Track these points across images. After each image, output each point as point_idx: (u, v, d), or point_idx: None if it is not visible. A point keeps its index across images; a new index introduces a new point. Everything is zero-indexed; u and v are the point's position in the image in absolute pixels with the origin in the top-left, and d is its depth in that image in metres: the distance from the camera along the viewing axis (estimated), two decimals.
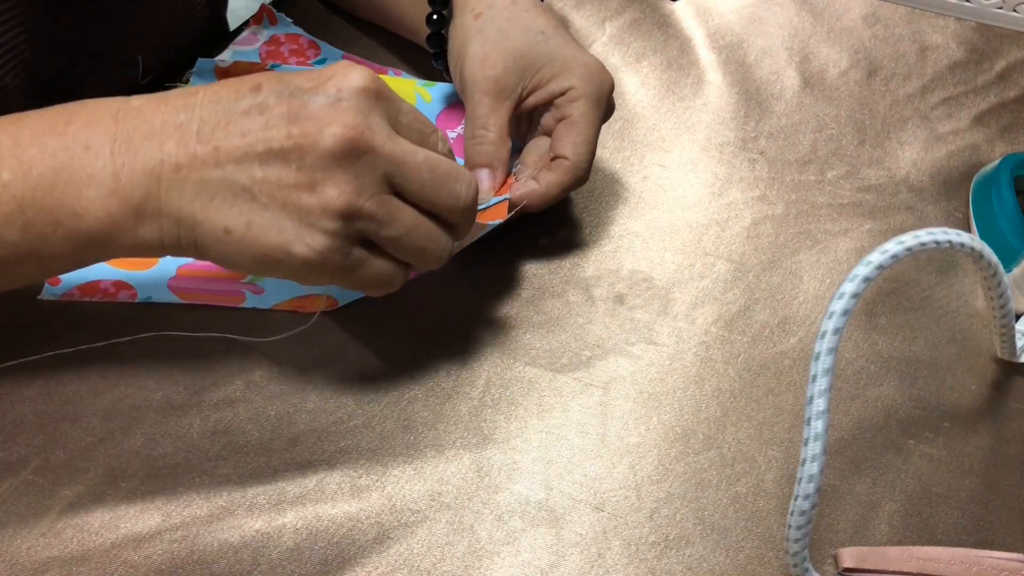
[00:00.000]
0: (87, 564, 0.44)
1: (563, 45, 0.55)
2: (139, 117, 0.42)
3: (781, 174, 0.64)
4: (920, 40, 0.74)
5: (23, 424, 0.48)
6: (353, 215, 0.42)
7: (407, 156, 0.43)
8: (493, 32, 0.54)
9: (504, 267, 0.57)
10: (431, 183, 0.44)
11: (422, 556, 0.45)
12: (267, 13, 0.68)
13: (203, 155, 0.41)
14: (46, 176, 0.41)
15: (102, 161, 0.41)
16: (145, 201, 0.42)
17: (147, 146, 0.41)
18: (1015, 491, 0.49)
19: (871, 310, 0.56)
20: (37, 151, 0.41)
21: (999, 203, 0.59)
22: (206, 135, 0.41)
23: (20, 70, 0.54)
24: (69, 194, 0.41)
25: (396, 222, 0.43)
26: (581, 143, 0.53)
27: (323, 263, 0.42)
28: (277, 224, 0.42)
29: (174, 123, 0.42)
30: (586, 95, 0.54)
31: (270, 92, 0.42)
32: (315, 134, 0.41)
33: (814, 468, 0.40)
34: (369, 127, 0.41)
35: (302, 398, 0.50)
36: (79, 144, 0.41)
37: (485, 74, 0.53)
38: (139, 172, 0.41)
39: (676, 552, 0.46)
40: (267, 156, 0.41)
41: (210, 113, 0.42)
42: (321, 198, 0.41)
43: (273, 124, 0.41)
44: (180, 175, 0.41)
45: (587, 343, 0.53)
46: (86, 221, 0.41)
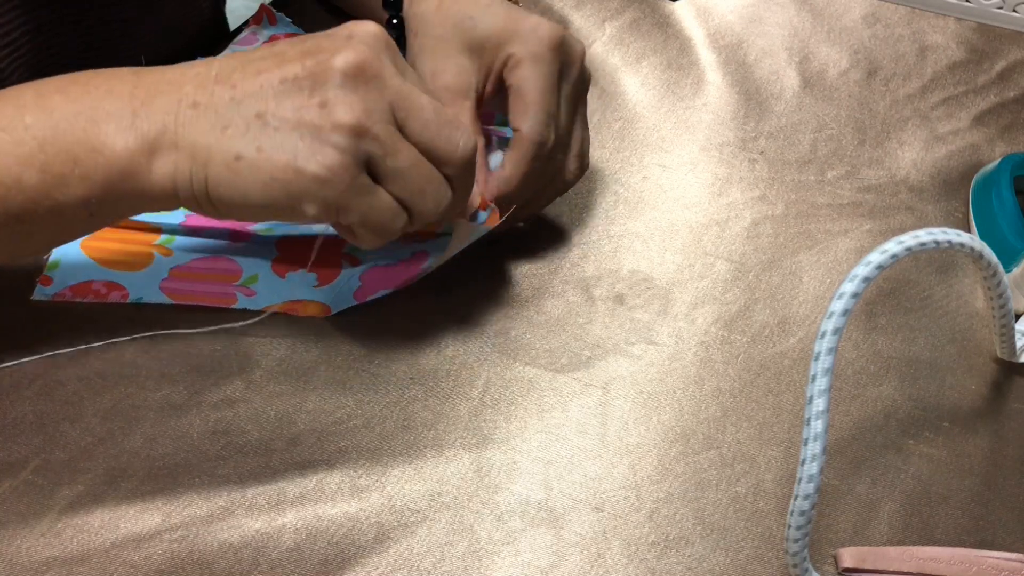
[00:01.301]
0: (87, 564, 0.44)
1: (494, 20, 0.53)
2: (160, 73, 0.45)
3: (781, 174, 0.64)
4: (920, 40, 0.74)
5: (23, 424, 0.48)
6: (361, 132, 0.43)
7: (412, 93, 0.44)
8: (432, 42, 0.54)
9: (504, 267, 0.57)
10: (433, 124, 0.45)
11: (422, 556, 0.45)
12: (267, 13, 0.68)
13: (220, 92, 0.43)
14: (67, 117, 0.43)
15: (121, 102, 0.43)
16: (161, 135, 0.43)
17: (166, 89, 0.44)
18: (1015, 491, 0.49)
19: (871, 310, 0.56)
20: (60, 98, 0.44)
21: (999, 203, 0.59)
22: (224, 76, 0.44)
23: (24, 70, 0.55)
24: (89, 132, 0.43)
25: (400, 154, 0.44)
26: (529, 107, 0.51)
27: (332, 180, 0.43)
28: (289, 144, 0.43)
29: (193, 72, 0.44)
30: (523, 57, 0.52)
31: (287, 43, 0.45)
32: (327, 60, 0.43)
33: (814, 468, 0.40)
34: (379, 58, 0.44)
35: (302, 398, 0.50)
36: (100, 89, 0.44)
37: (437, 87, 0.53)
38: (157, 110, 0.43)
39: (676, 552, 0.46)
40: (281, 86, 0.43)
41: (228, 62, 0.44)
42: (332, 114, 0.42)
43: (289, 61, 0.43)
44: (197, 111, 0.43)
45: (587, 343, 0.53)
46: (103, 156, 0.43)
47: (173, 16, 0.64)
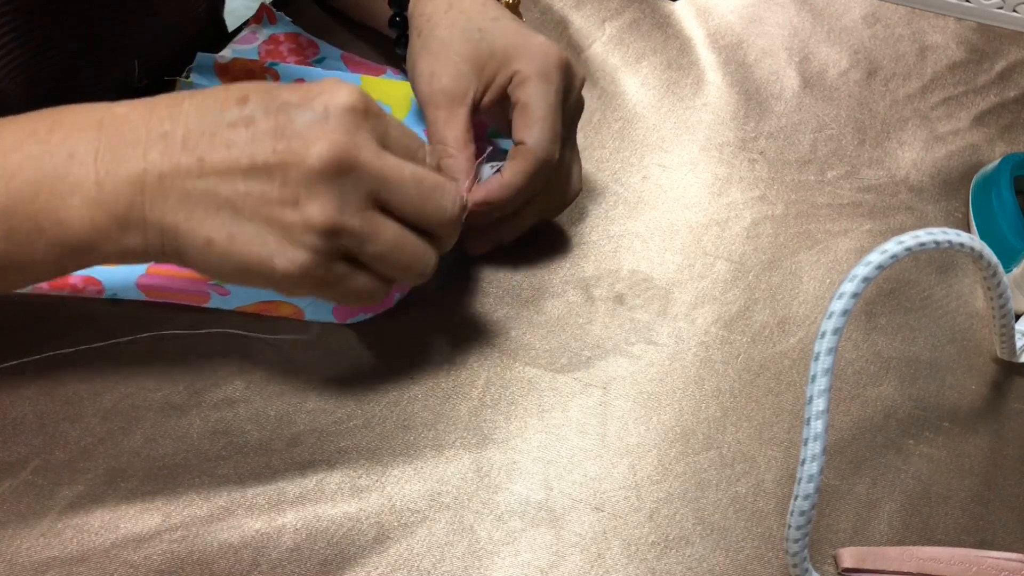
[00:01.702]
0: (87, 564, 0.44)
1: (502, 36, 0.53)
2: (124, 125, 0.42)
3: (781, 174, 0.64)
4: (920, 40, 0.74)
5: (23, 424, 0.48)
6: (335, 232, 0.42)
7: (393, 172, 0.43)
8: (435, 45, 0.54)
9: (504, 267, 0.57)
10: (417, 198, 0.44)
11: (422, 556, 0.45)
12: (267, 12, 0.68)
13: (187, 165, 0.41)
14: (29, 183, 0.41)
15: (85, 169, 0.41)
16: (129, 210, 0.41)
17: (131, 154, 0.41)
18: (1015, 491, 0.49)
19: (871, 310, 0.56)
20: (20, 158, 0.41)
21: (999, 203, 0.59)
22: (191, 145, 0.41)
23: (16, 74, 0.54)
24: (53, 202, 0.41)
25: (379, 239, 0.43)
26: (535, 123, 0.52)
27: (304, 277, 0.42)
28: (259, 237, 0.42)
29: (159, 132, 0.41)
30: (531, 75, 0.52)
31: (257, 106, 0.42)
32: (300, 151, 0.41)
33: (814, 468, 0.40)
34: (356, 144, 0.41)
35: (302, 398, 0.50)
36: (63, 152, 0.41)
37: (433, 89, 0.53)
38: (123, 181, 0.41)
39: (676, 552, 0.46)
40: (251, 170, 0.41)
41: (195, 123, 0.42)
42: (303, 214, 0.41)
43: (259, 138, 0.41)
44: (164, 184, 0.41)
45: (587, 343, 0.53)
46: (70, 229, 0.41)
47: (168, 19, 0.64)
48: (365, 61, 0.67)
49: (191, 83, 0.62)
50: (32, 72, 0.56)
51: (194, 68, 0.63)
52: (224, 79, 0.63)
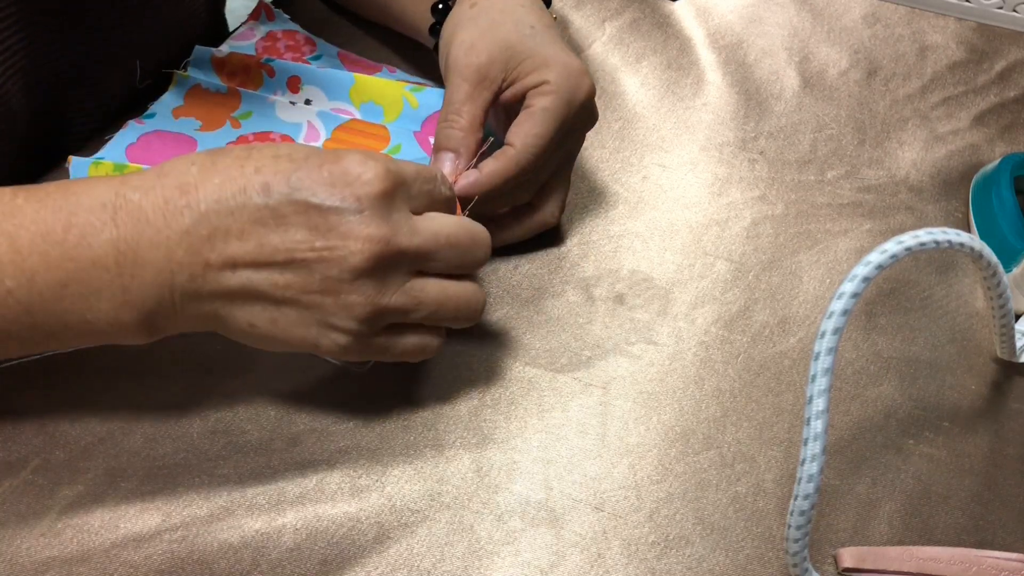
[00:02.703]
0: (87, 564, 0.44)
1: (549, 43, 0.54)
2: (140, 219, 0.40)
3: (781, 174, 0.64)
4: (920, 40, 0.74)
5: (23, 424, 0.48)
6: (376, 315, 0.42)
7: (430, 244, 0.43)
8: (485, 21, 0.54)
9: (504, 267, 0.57)
10: (455, 259, 0.44)
11: (422, 556, 0.45)
12: (265, 9, 0.68)
13: (218, 263, 0.41)
14: (51, 287, 0.40)
15: (109, 275, 0.40)
16: (158, 307, 0.41)
17: (155, 256, 0.40)
18: (1015, 491, 0.49)
19: (871, 310, 0.56)
20: (39, 260, 0.40)
21: (999, 203, 0.59)
22: (219, 244, 0.40)
23: (19, 76, 0.54)
24: (78, 304, 0.41)
25: (421, 306, 0.44)
26: (532, 133, 0.51)
27: (349, 353, 0.44)
28: (302, 321, 0.42)
29: (180, 227, 0.40)
30: (557, 91, 0.52)
31: (282, 196, 0.41)
32: (340, 249, 0.41)
33: (814, 468, 0.40)
34: (394, 233, 0.41)
35: (302, 398, 0.50)
36: (84, 257, 0.40)
37: (468, 61, 0.52)
38: (149, 284, 0.41)
39: (676, 552, 0.46)
40: (288, 265, 0.41)
41: (219, 218, 0.40)
42: (345, 304, 0.42)
43: (292, 235, 0.41)
44: (195, 284, 0.41)
45: (587, 343, 0.53)
46: (97, 326, 0.41)
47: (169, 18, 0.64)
48: (361, 59, 0.67)
49: (188, 76, 0.63)
50: (35, 74, 0.56)
51: (191, 62, 0.63)
52: (221, 73, 0.63)
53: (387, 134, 0.61)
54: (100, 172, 0.56)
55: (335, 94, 0.63)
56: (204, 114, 0.61)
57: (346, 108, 0.62)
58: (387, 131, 0.61)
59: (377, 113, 0.62)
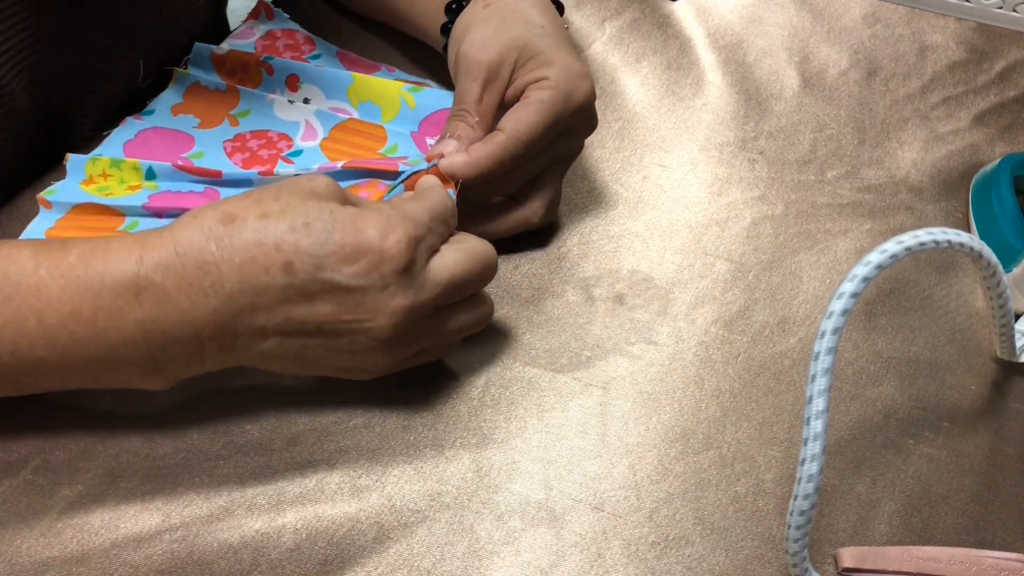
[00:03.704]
0: (87, 564, 0.44)
1: (558, 45, 0.54)
2: (165, 299, 0.41)
3: (781, 174, 0.64)
4: (920, 40, 0.74)
5: (23, 424, 0.48)
6: (402, 363, 0.47)
7: (448, 291, 0.45)
8: (497, 21, 0.54)
9: (504, 267, 0.57)
10: (469, 290, 0.47)
11: (422, 556, 0.45)
12: (264, 8, 0.69)
13: (247, 332, 0.43)
14: (83, 360, 0.43)
15: (139, 351, 0.42)
16: (187, 372, 0.45)
17: (183, 333, 0.42)
18: (1015, 491, 0.49)
19: (871, 310, 0.56)
20: (68, 338, 0.42)
21: (999, 203, 0.59)
22: (246, 318, 0.42)
23: (24, 74, 0.54)
24: (108, 372, 0.44)
25: (441, 335, 0.47)
26: (523, 121, 0.51)
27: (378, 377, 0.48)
28: (331, 364, 0.46)
29: (207, 308, 0.42)
30: (554, 87, 0.52)
31: (306, 276, 0.42)
32: (367, 321, 0.43)
33: (813, 468, 0.40)
34: (417, 298, 0.44)
35: (302, 398, 0.50)
36: (115, 339, 0.42)
37: (479, 59, 0.53)
38: (181, 356, 0.43)
39: (676, 552, 0.46)
40: (318, 332, 0.43)
41: (245, 297, 0.42)
42: (372, 361, 0.46)
43: (320, 310, 0.43)
44: (224, 350, 0.44)
45: (587, 343, 0.53)
46: (126, 383, 0.45)
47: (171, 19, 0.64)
48: (361, 59, 0.67)
49: (188, 74, 0.63)
50: (39, 72, 0.56)
51: (191, 59, 0.63)
52: (220, 71, 0.63)
53: (384, 134, 0.61)
54: (97, 168, 0.56)
55: (333, 93, 0.63)
56: (203, 112, 0.62)
57: (344, 107, 0.62)
58: (384, 131, 0.61)
59: (375, 113, 0.62)
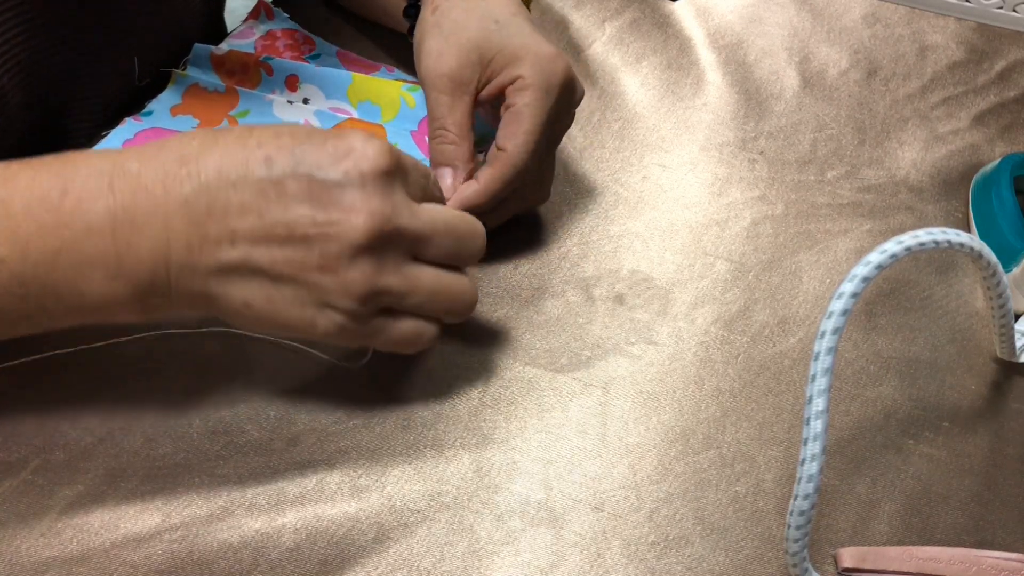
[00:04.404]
0: (87, 564, 0.44)
1: (516, 34, 0.53)
2: (138, 188, 0.40)
3: (781, 174, 0.64)
4: (920, 40, 0.74)
5: (23, 424, 0.48)
6: (374, 296, 0.42)
7: (428, 227, 0.43)
8: (448, 24, 0.53)
9: (504, 267, 0.57)
10: (451, 247, 0.44)
11: (422, 556, 0.45)
12: (264, 8, 0.69)
13: (216, 235, 0.40)
14: (46, 255, 0.39)
15: (104, 243, 0.39)
16: (152, 279, 0.40)
17: (151, 224, 0.40)
18: (1015, 491, 0.49)
19: (871, 310, 0.56)
20: (34, 228, 0.39)
21: (999, 203, 0.59)
22: (218, 214, 0.40)
23: (17, 71, 0.54)
24: (71, 274, 0.40)
25: (417, 291, 0.44)
26: (522, 134, 0.51)
27: (344, 335, 0.43)
28: (298, 300, 0.42)
29: (179, 197, 0.40)
30: (533, 84, 0.51)
31: (283, 167, 0.40)
32: (342, 223, 0.40)
33: (813, 468, 0.40)
34: (395, 211, 0.41)
35: (302, 398, 0.50)
36: (79, 224, 0.39)
37: (439, 71, 0.52)
38: (145, 252, 0.40)
39: (676, 552, 0.46)
40: (288, 239, 0.40)
41: (218, 188, 0.40)
42: (343, 282, 0.41)
43: (293, 208, 0.40)
44: (191, 256, 0.40)
45: (587, 343, 0.53)
46: (90, 298, 0.40)
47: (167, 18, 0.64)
48: (360, 58, 0.67)
49: (187, 75, 0.63)
50: (34, 71, 0.56)
51: (190, 60, 0.63)
52: (219, 71, 0.63)
53: (384, 134, 0.61)
54: None
55: (333, 93, 0.63)
56: (202, 112, 0.62)
57: (343, 107, 0.62)
58: (384, 131, 0.62)
59: (374, 113, 0.62)
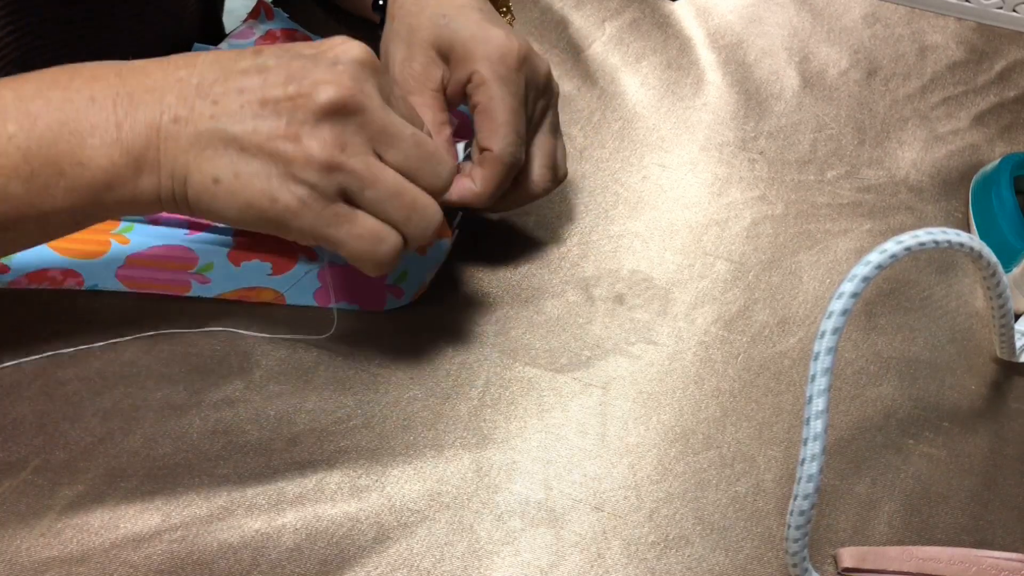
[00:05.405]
0: (87, 564, 0.44)
1: (464, 26, 0.53)
2: (142, 73, 0.44)
3: (781, 174, 0.64)
4: (920, 40, 0.74)
5: (23, 424, 0.48)
6: (333, 168, 0.43)
7: (396, 127, 0.44)
8: (405, 30, 0.54)
9: (504, 267, 0.57)
10: (416, 158, 0.45)
11: (422, 556, 0.45)
12: (264, 8, 0.69)
13: (200, 107, 0.43)
14: (51, 127, 0.42)
15: (105, 112, 0.43)
16: (145, 151, 0.43)
17: (148, 99, 0.43)
18: (1015, 491, 0.49)
19: (871, 310, 0.56)
20: (42, 103, 0.43)
21: (999, 203, 0.59)
22: (205, 89, 0.43)
23: (10, 70, 0.54)
24: (73, 143, 0.43)
25: (379, 183, 0.44)
26: (499, 128, 0.51)
27: (303, 212, 0.43)
28: (263, 172, 0.43)
29: (175, 78, 0.43)
30: (489, 77, 0.51)
31: (270, 55, 0.44)
32: (309, 90, 0.43)
33: (813, 468, 0.40)
34: (363, 91, 0.43)
35: (302, 398, 0.50)
36: (83, 96, 0.43)
37: (405, 75, 0.53)
38: (140, 123, 0.43)
39: (676, 552, 0.46)
40: (261, 112, 0.43)
41: (210, 70, 0.44)
42: (304, 149, 0.43)
43: (271, 81, 0.43)
44: (178, 125, 0.43)
45: (587, 343, 0.53)
46: (89, 170, 0.43)
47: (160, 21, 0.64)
48: None
49: None
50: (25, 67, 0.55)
51: None
52: None
53: None
54: None
55: None
56: None
57: None
58: None
59: None
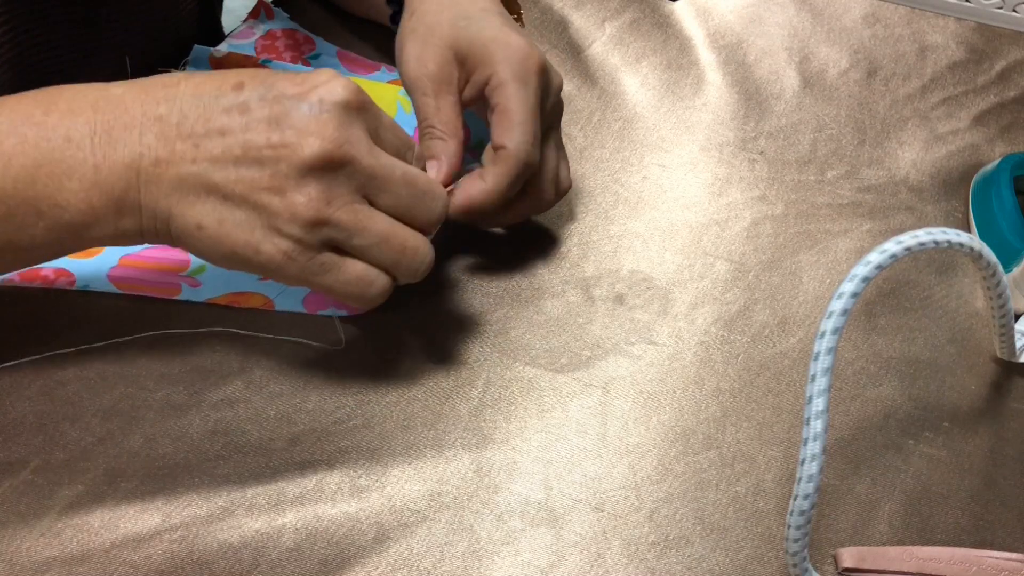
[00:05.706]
0: (87, 564, 0.44)
1: (485, 28, 0.53)
2: (119, 107, 0.42)
3: (781, 174, 0.64)
4: (920, 40, 0.74)
5: (23, 424, 0.48)
6: (320, 223, 0.43)
7: (385, 170, 0.44)
8: (423, 29, 0.53)
9: (504, 267, 0.57)
10: (407, 197, 0.45)
11: (422, 556, 0.45)
12: (264, 8, 0.69)
13: (181, 150, 0.42)
14: (27, 168, 0.41)
15: (83, 153, 0.42)
16: (125, 194, 0.42)
17: (127, 138, 0.42)
18: (1015, 491, 0.49)
19: (871, 310, 0.56)
20: (16, 142, 0.41)
21: (999, 203, 0.59)
22: (186, 130, 0.42)
23: (7, 69, 0.54)
24: (51, 186, 0.42)
25: (367, 232, 0.44)
26: (516, 126, 0.51)
27: (288, 264, 0.43)
28: (248, 223, 0.43)
29: (154, 115, 0.42)
30: (509, 79, 0.51)
31: (252, 93, 0.43)
32: (294, 143, 0.42)
33: (813, 468, 0.40)
34: (349, 140, 0.42)
35: (302, 398, 0.50)
36: (59, 135, 0.42)
37: (420, 74, 0.52)
38: (119, 164, 0.42)
39: (676, 552, 0.46)
40: (244, 159, 0.42)
41: (191, 107, 0.42)
42: (289, 205, 0.42)
43: (253, 127, 0.42)
44: (158, 169, 0.42)
45: (587, 343, 0.53)
46: (68, 212, 0.42)
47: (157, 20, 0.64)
48: (360, 58, 0.67)
49: None
50: (23, 69, 0.55)
51: (190, 61, 0.63)
52: None
53: None
54: None
55: None
56: None
57: None
58: None
59: None
